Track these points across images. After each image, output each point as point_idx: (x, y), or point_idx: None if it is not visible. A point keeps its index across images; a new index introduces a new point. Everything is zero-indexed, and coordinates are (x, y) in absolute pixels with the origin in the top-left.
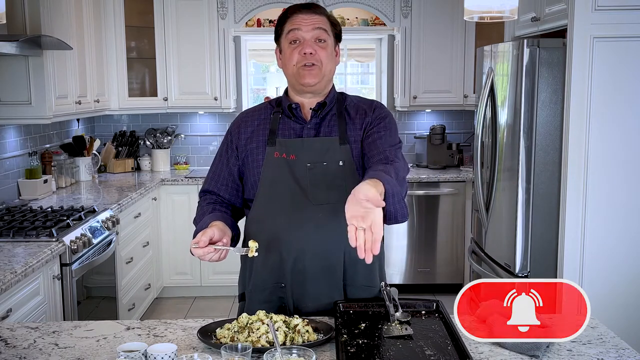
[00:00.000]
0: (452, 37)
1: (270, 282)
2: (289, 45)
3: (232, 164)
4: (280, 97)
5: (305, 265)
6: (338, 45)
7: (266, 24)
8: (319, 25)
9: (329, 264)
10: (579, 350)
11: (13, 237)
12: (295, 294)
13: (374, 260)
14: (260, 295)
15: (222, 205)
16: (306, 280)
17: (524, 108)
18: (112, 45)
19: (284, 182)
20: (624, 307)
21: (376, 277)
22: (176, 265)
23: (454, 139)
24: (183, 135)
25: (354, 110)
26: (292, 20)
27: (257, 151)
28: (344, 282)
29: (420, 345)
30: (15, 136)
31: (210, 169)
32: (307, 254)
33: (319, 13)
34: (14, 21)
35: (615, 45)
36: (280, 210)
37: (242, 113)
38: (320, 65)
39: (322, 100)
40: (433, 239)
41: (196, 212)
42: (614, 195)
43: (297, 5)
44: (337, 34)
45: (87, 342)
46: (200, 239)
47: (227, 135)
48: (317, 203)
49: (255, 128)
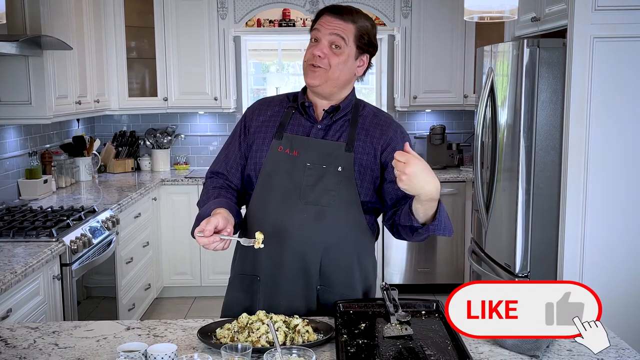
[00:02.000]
0: (452, 37)
1: (249, 272)
2: (310, 42)
3: (245, 148)
4: (298, 92)
5: (282, 261)
6: (365, 56)
7: (266, 24)
8: (337, 31)
9: (305, 264)
10: (579, 350)
11: (13, 237)
12: (269, 290)
13: (354, 268)
14: (239, 284)
15: (227, 191)
16: (281, 275)
17: (524, 108)
18: (112, 45)
19: (280, 177)
20: (624, 307)
21: (357, 287)
22: (176, 265)
23: (454, 139)
24: (183, 136)
25: (369, 122)
26: (321, 19)
27: (263, 141)
28: (319, 286)
29: (420, 345)
30: (15, 136)
31: (222, 151)
32: (285, 250)
33: (347, 20)
34: (14, 21)
35: (615, 45)
36: (271, 203)
37: (260, 100)
38: (326, 69)
39: (337, 104)
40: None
41: (201, 194)
42: (614, 195)
43: (331, 6)
44: (364, 45)
45: (87, 342)
46: (205, 227)
47: (242, 120)
48: (306, 203)
49: (267, 118)
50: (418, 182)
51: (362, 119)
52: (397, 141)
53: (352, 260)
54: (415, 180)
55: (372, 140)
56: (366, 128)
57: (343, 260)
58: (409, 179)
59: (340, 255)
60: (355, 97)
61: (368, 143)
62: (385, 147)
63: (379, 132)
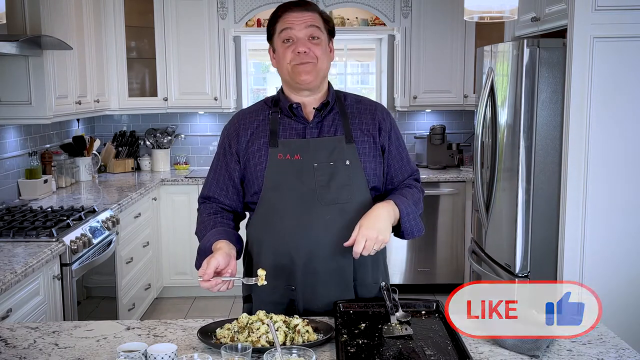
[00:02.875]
0: (452, 37)
1: (281, 284)
2: (282, 44)
3: (232, 168)
4: (276, 96)
5: (316, 267)
6: (332, 41)
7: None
8: (311, 22)
9: (340, 265)
10: (579, 350)
11: (13, 237)
12: (306, 296)
13: (380, 257)
14: (269, 297)
15: (223, 216)
16: (317, 281)
17: (524, 108)
18: (112, 45)
19: (290, 184)
20: (624, 307)
21: (382, 273)
22: (176, 265)
23: (454, 139)
24: (183, 135)
25: (357, 110)
26: (284, 19)
27: (259, 154)
28: (354, 282)
29: (420, 345)
30: (15, 136)
31: (209, 174)
32: (317, 255)
33: (311, 10)
34: (14, 21)
35: (615, 45)
36: (288, 212)
37: (237, 115)
38: (315, 62)
39: (325, 99)
40: (433, 239)
41: (197, 223)
42: (614, 195)
43: (288, 3)
44: (330, 30)
45: (87, 342)
46: (205, 272)
47: (225, 139)
48: (326, 204)
49: (254, 130)
50: (379, 229)
51: (349, 108)
52: (385, 123)
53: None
54: (376, 232)
55: (368, 127)
56: (357, 116)
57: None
58: (377, 238)
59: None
60: (332, 87)
61: (364, 130)
62: (379, 132)
63: (369, 118)
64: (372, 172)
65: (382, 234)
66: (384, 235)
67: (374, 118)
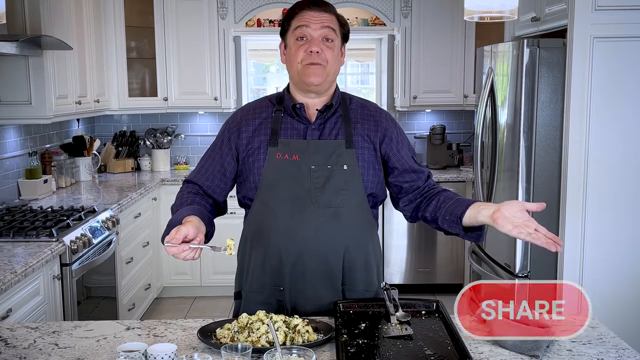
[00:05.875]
0: (452, 37)
1: (269, 284)
2: (295, 41)
3: (227, 162)
4: (281, 94)
5: (305, 269)
6: (344, 45)
7: (266, 24)
8: (328, 24)
9: (328, 267)
10: (579, 350)
11: (13, 237)
12: (294, 297)
13: (372, 262)
14: (258, 297)
15: (202, 198)
16: (305, 283)
17: (524, 108)
18: (112, 45)
19: (285, 184)
20: (624, 307)
21: (375, 281)
22: (176, 265)
23: (454, 139)
24: (183, 135)
25: (360, 115)
26: (301, 16)
27: (258, 151)
28: (342, 286)
29: (420, 345)
30: (15, 136)
31: (201, 161)
32: (306, 257)
33: (329, 11)
34: (14, 21)
35: (615, 45)
36: (281, 211)
37: (241, 110)
38: (325, 65)
39: (329, 102)
40: (433, 239)
41: (175, 199)
42: (613, 195)
43: (307, 1)
44: (344, 34)
45: (87, 342)
46: (174, 236)
47: (225, 132)
48: (319, 206)
49: (256, 127)
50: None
51: (353, 113)
52: (391, 130)
53: (369, 255)
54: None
55: (369, 134)
56: (360, 121)
57: (362, 257)
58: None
59: (359, 252)
60: (339, 90)
61: (365, 137)
62: (382, 139)
63: (373, 124)
64: (370, 179)
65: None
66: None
67: (377, 125)
